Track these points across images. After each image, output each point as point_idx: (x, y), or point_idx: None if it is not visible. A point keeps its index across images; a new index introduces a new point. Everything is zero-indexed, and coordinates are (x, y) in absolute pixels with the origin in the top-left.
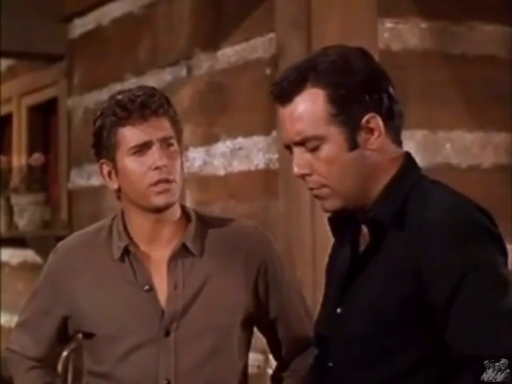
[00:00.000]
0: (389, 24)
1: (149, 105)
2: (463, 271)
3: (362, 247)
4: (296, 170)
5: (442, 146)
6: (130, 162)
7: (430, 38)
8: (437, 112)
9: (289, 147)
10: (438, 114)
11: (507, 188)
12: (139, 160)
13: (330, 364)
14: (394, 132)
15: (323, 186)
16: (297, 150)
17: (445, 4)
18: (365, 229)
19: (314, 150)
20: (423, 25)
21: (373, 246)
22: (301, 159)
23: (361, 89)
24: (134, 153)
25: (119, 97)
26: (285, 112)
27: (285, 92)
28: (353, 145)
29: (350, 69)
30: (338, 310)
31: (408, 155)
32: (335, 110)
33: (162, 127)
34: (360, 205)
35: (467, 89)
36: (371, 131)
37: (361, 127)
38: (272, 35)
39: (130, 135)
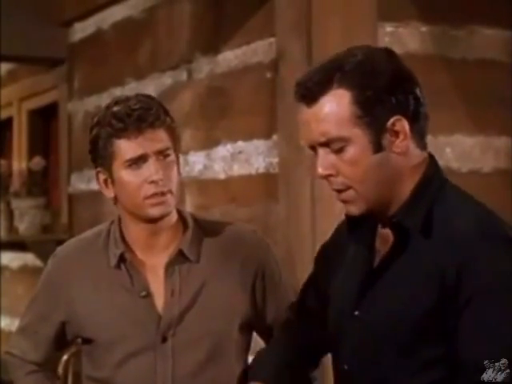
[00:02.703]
0: (389, 28)
1: (145, 118)
2: (487, 283)
3: (382, 252)
4: (320, 170)
5: (443, 150)
6: (125, 175)
7: (430, 42)
8: (437, 116)
9: (312, 147)
10: (439, 118)
11: (508, 192)
12: (135, 173)
13: (346, 367)
14: (419, 135)
15: (348, 187)
16: (321, 151)
17: (445, 8)
18: (383, 232)
19: (338, 151)
20: (423, 29)
21: (397, 251)
22: (325, 160)
23: (387, 90)
24: (130, 165)
25: (115, 108)
26: (309, 112)
27: (310, 92)
28: (377, 147)
29: (377, 70)
30: (356, 313)
31: (432, 159)
32: (360, 111)
33: (159, 139)
34: (384, 209)
35: (467, 93)
36: (396, 134)
37: (386, 130)
38: (272, 39)
39: (126, 148)
